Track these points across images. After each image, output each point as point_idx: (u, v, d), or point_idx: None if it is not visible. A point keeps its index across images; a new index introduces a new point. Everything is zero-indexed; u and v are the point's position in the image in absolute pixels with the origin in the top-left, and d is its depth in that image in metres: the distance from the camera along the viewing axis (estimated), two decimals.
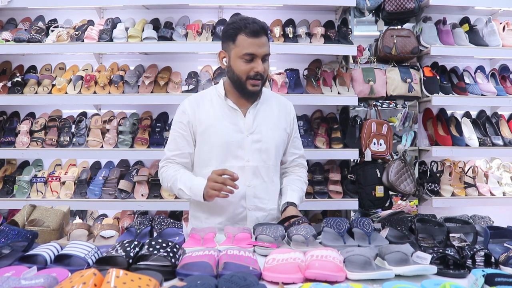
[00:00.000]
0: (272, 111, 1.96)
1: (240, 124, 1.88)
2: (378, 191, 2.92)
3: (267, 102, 1.98)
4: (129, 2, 3.05)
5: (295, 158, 2.06)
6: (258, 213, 1.88)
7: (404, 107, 3.78)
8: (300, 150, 2.09)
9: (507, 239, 1.52)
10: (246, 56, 1.79)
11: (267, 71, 1.86)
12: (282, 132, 1.96)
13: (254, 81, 1.81)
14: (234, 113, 1.90)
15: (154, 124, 3.06)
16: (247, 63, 1.80)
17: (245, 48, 1.78)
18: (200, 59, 3.28)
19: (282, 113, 1.99)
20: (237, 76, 1.83)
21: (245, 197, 1.87)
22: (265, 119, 1.92)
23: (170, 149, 1.94)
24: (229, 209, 1.87)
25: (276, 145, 1.93)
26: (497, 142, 3.06)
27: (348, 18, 3.13)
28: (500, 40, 3.09)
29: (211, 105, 1.92)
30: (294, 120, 2.05)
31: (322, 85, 2.98)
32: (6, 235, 1.38)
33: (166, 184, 1.92)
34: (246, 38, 1.78)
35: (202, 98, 1.96)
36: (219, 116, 1.89)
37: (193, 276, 1.14)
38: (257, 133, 1.89)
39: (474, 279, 1.11)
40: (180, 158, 1.93)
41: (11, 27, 3.18)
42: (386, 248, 1.34)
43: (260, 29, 1.78)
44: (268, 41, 1.84)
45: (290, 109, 2.05)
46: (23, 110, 3.21)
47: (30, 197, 2.89)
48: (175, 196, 2.88)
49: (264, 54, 1.80)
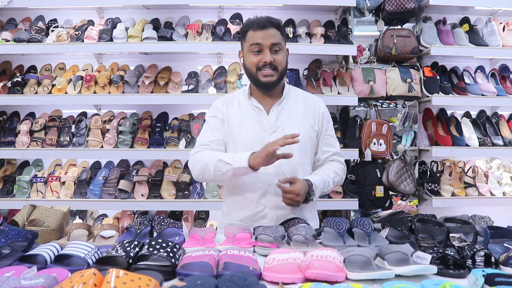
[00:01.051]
0: (297, 109, 1.95)
1: (263, 123, 1.90)
2: (378, 191, 2.92)
3: (293, 100, 1.97)
4: (129, 2, 3.05)
5: (328, 156, 2.00)
6: (278, 212, 1.86)
7: (404, 107, 3.78)
8: (333, 148, 2.01)
9: (507, 239, 1.52)
10: (253, 47, 1.83)
11: (281, 62, 1.85)
12: (308, 129, 1.93)
13: (264, 71, 1.83)
14: (258, 112, 1.92)
15: (154, 124, 3.06)
16: (256, 55, 1.84)
17: (251, 40, 1.84)
18: (200, 59, 3.29)
19: (309, 111, 1.97)
20: (249, 70, 1.87)
21: (266, 195, 1.86)
22: (289, 117, 1.92)
23: (204, 137, 1.91)
24: (250, 207, 1.87)
25: (301, 143, 1.84)
26: (497, 142, 3.06)
27: (348, 18, 3.13)
28: (500, 40, 3.09)
29: (238, 105, 1.96)
30: (324, 117, 1.99)
31: (322, 85, 2.98)
32: (6, 235, 1.38)
33: (199, 165, 1.81)
34: (253, 32, 1.84)
35: (232, 99, 1.99)
36: (244, 115, 1.92)
37: (193, 276, 1.14)
38: (279, 132, 1.87)
39: (474, 279, 1.11)
40: (216, 145, 1.89)
41: (11, 27, 3.18)
42: (386, 248, 1.34)
43: (266, 22, 1.83)
44: (279, 34, 1.86)
45: (319, 106, 2.01)
46: (23, 110, 3.21)
47: (30, 197, 2.89)
48: (175, 196, 2.88)
49: (271, 44, 1.82)
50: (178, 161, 3.15)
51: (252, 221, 1.85)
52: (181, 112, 3.17)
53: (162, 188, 2.93)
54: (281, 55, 1.86)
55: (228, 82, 3.02)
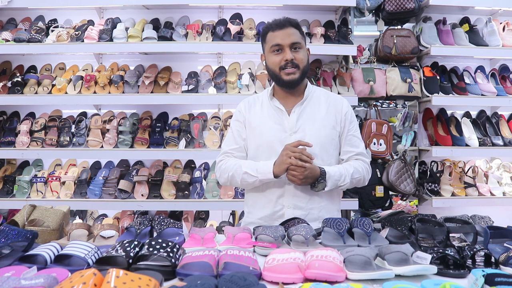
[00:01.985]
0: (319, 109, 1.94)
1: (284, 124, 1.90)
2: (378, 191, 2.92)
3: (315, 100, 1.97)
4: (129, 2, 3.05)
5: (351, 156, 1.96)
6: (296, 212, 1.86)
7: (404, 107, 3.78)
8: (357, 148, 1.97)
9: (507, 239, 1.52)
10: (274, 47, 1.86)
11: (302, 60, 1.87)
12: (330, 130, 1.92)
13: (287, 70, 1.85)
14: (280, 113, 1.92)
15: (154, 124, 3.06)
16: (277, 55, 1.86)
17: (272, 41, 1.87)
18: (200, 59, 3.29)
19: (332, 110, 1.96)
20: (272, 71, 1.90)
21: (284, 195, 1.87)
22: (310, 117, 1.92)
23: (227, 144, 2.00)
24: (268, 206, 1.89)
25: (322, 144, 1.88)
26: (497, 142, 3.06)
27: (348, 18, 3.13)
28: (500, 40, 3.09)
29: (260, 107, 1.98)
30: (346, 117, 1.96)
31: (322, 85, 2.98)
32: (6, 235, 1.37)
33: (226, 174, 1.91)
34: (272, 33, 1.87)
35: (255, 100, 2.02)
36: (265, 116, 1.94)
37: (193, 276, 1.14)
38: (300, 132, 1.88)
39: (474, 279, 1.11)
40: (238, 152, 1.96)
41: (11, 27, 3.18)
42: (386, 248, 1.34)
43: (284, 22, 1.86)
44: (298, 33, 1.88)
45: (342, 105, 1.99)
46: (23, 110, 3.21)
47: (30, 197, 2.89)
48: (175, 196, 2.88)
49: (291, 43, 1.84)
50: (178, 161, 3.15)
51: (271, 220, 1.88)
52: (181, 112, 3.18)
53: (162, 188, 2.93)
54: (302, 53, 1.88)
55: (228, 82, 3.02)
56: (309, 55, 1.95)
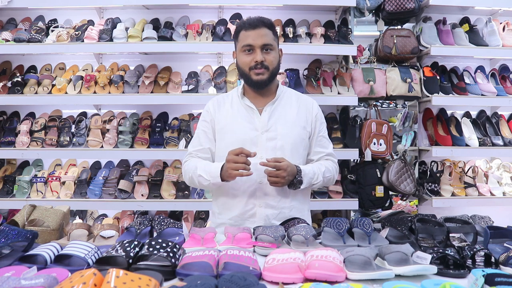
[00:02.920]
0: (290, 109, 1.96)
1: (256, 122, 1.90)
2: (378, 191, 2.92)
3: (286, 100, 1.98)
4: (129, 2, 3.05)
5: (321, 156, 2.00)
6: (268, 211, 1.86)
7: (404, 107, 3.78)
8: (326, 149, 2.01)
9: (507, 239, 1.52)
10: (246, 47, 1.86)
11: (272, 62, 1.87)
12: (301, 130, 1.94)
13: (256, 70, 1.85)
14: (251, 112, 1.93)
15: (154, 124, 3.06)
16: (248, 55, 1.87)
17: (243, 41, 1.87)
18: (200, 59, 3.29)
19: (302, 111, 1.97)
20: (242, 70, 1.90)
21: (256, 193, 1.87)
22: (282, 117, 1.93)
23: (193, 145, 2.00)
24: (239, 206, 1.88)
25: (293, 143, 1.90)
26: (497, 142, 3.06)
27: (348, 18, 3.13)
28: (500, 40, 3.09)
29: (230, 105, 1.97)
30: (317, 118, 2.00)
31: (322, 85, 2.98)
32: (6, 235, 1.38)
33: (188, 176, 1.93)
34: (244, 32, 1.87)
35: (224, 99, 2.02)
36: (236, 115, 1.93)
37: (193, 276, 1.14)
38: (272, 131, 1.89)
39: (474, 279, 1.11)
40: (202, 153, 1.97)
41: (11, 27, 3.18)
42: (386, 248, 1.34)
43: (257, 22, 1.86)
44: (271, 34, 1.88)
45: (312, 107, 2.01)
46: (23, 110, 3.21)
47: (30, 197, 2.89)
48: (175, 196, 2.88)
49: (263, 44, 1.84)
50: (178, 161, 3.15)
51: (242, 220, 1.87)
52: (181, 112, 3.17)
53: (162, 188, 2.92)
54: (273, 54, 1.88)
55: (228, 82, 3.02)
56: (281, 55, 1.97)
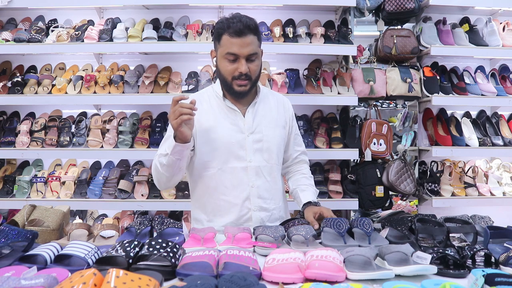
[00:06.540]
0: (270, 109, 1.94)
1: (240, 125, 1.86)
2: (378, 191, 2.92)
3: (265, 100, 1.96)
4: (129, 2, 3.05)
5: (297, 155, 2.05)
6: (262, 214, 1.86)
7: (404, 107, 3.79)
8: (301, 147, 2.07)
9: (507, 239, 1.52)
10: (229, 56, 1.75)
11: (254, 71, 1.79)
12: (282, 130, 1.95)
13: (239, 81, 1.77)
14: (234, 114, 1.87)
15: (154, 124, 3.06)
16: (231, 63, 1.76)
17: (228, 48, 1.74)
18: (200, 59, 3.28)
19: (281, 111, 1.98)
20: (223, 77, 1.80)
21: (249, 198, 1.84)
22: (265, 118, 1.91)
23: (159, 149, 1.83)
24: (233, 211, 1.84)
25: (277, 144, 1.91)
26: (497, 142, 3.06)
27: (348, 18, 3.13)
28: (500, 40, 3.09)
29: (210, 106, 1.89)
30: (293, 116, 2.02)
31: (322, 85, 2.98)
32: (6, 235, 1.38)
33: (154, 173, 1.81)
34: (229, 38, 1.74)
35: (199, 98, 1.88)
36: (219, 117, 1.86)
37: (193, 276, 1.14)
38: (257, 133, 1.87)
39: (474, 279, 1.11)
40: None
41: (11, 27, 3.18)
42: (386, 248, 1.34)
43: (244, 28, 1.72)
44: (257, 40, 1.78)
45: (288, 106, 2.02)
46: (23, 110, 3.20)
47: (30, 197, 2.89)
48: (175, 196, 2.88)
49: (248, 54, 1.74)
50: None
51: (237, 226, 1.79)
52: None
53: None
54: (256, 63, 1.79)
55: None
56: (261, 55, 1.87)
